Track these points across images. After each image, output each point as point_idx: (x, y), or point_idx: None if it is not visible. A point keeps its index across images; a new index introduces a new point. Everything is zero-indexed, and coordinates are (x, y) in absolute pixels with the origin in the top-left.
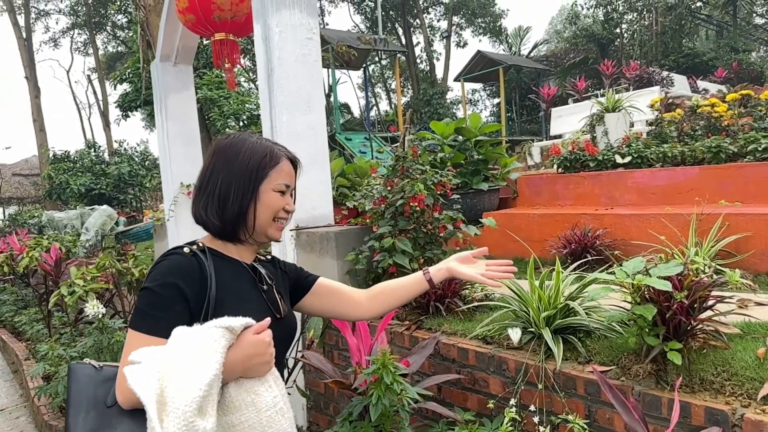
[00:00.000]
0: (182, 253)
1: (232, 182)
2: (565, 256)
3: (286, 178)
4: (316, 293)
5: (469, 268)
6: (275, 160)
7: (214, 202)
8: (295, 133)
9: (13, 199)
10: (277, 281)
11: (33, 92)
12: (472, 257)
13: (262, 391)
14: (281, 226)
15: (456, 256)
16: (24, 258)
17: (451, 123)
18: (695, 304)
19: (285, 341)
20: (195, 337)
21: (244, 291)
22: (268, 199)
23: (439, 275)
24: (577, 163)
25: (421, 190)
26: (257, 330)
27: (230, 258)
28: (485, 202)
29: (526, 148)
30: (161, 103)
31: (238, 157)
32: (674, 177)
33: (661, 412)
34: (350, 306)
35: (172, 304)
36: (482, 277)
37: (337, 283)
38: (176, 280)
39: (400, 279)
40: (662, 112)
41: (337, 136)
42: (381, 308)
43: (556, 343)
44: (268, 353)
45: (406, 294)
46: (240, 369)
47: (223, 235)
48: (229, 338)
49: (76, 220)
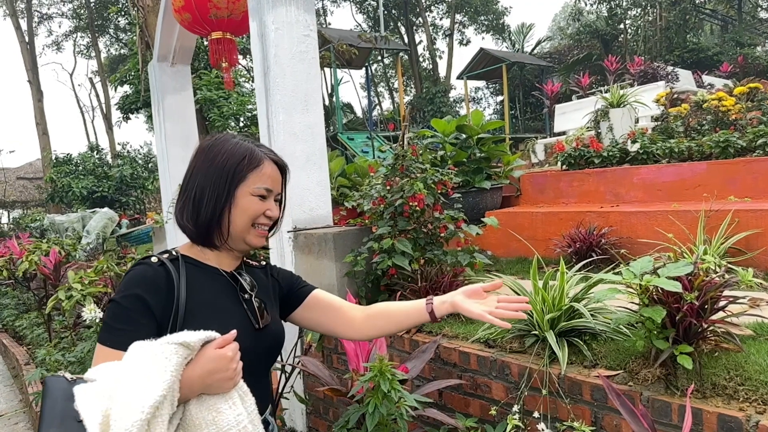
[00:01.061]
0: (149, 263)
1: (207, 185)
2: (570, 255)
3: (267, 182)
4: (309, 306)
5: (476, 304)
6: (255, 162)
7: (189, 205)
8: (293, 133)
9: (18, 203)
10: (265, 290)
11: (36, 96)
12: (483, 291)
13: (225, 408)
14: (263, 233)
15: (464, 290)
16: (23, 262)
17: (453, 120)
18: (706, 305)
19: (267, 353)
20: (146, 355)
21: (218, 301)
22: (244, 204)
23: (442, 309)
24: (582, 159)
25: (421, 189)
26: (220, 344)
27: (207, 266)
28: (488, 200)
29: (529, 145)
30: (159, 104)
31: (216, 158)
32: (681, 173)
33: (671, 419)
34: (343, 324)
35: (136, 317)
36: (490, 315)
37: (332, 298)
38: (140, 291)
39: (402, 304)
40: (668, 107)
41: (339, 136)
42: (375, 332)
43: (561, 346)
44: (231, 369)
45: (405, 322)
46: (199, 386)
47: (198, 240)
48: (184, 354)
49: (78, 223)
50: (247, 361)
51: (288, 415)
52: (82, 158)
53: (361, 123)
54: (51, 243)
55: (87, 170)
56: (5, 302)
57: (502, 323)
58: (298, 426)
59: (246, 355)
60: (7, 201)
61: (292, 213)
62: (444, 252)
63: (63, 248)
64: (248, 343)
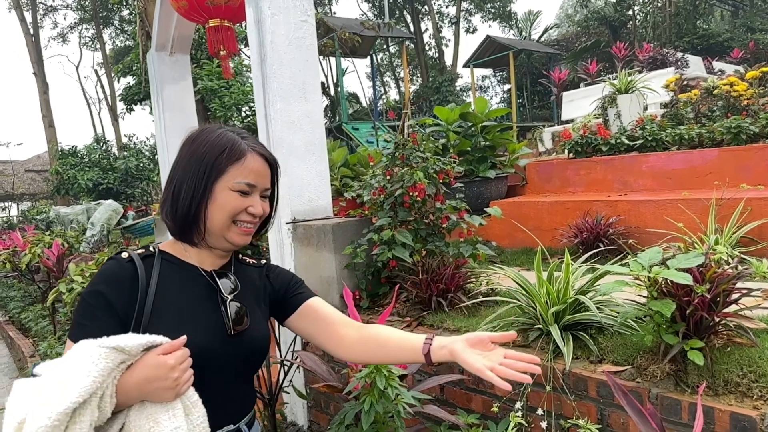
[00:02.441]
0: (117, 259)
1: (185, 178)
2: (576, 245)
3: (249, 177)
4: (302, 315)
5: (477, 356)
6: (236, 155)
7: (170, 199)
8: (290, 122)
9: (26, 195)
10: (253, 292)
11: (41, 88)
12: (489, 341)
13: (164, 419)
14: (246, 230)
15: (467, 337)
16: (26, 254)
17: (456, 108)
18: (718, 298)
19: (244, 361)
20: (76, 356)
21: (191, 302)
22: (222, 199)
23: (439, 354)
24: (589, 147)
25: (421, 178)
26: (166, 350)
27: (187, 264)
28: (492, 190)
29: (536, 134)
30: (158, 94)
31: (198, 150)
32: (691, 160)
33: (681, 418)
34: (333, 340)
35: (98, 313)
36: (490, 372)
37: (328, 310)
38: (102, 288)
39: (399, 336)
40: (677, 93)
41: (344, 126)
42: (363, 358)
43: (566, 340)
44: (171, 378)
45: (398, 356)
46: (136, 393)
47: (178, 236)
48: (117, 359)
49: (82, 215)
50: (217, 367)
51: (289, 409)
52: (87, 150)
53: (366, 113)
54: (54, 235)
55: (92, 162)
56: (12, 294)
57: (502, 384)
58: (300, 420)
59: (216, 361)
60: (16, 193)
61: (291, 204)
62: (446, 243)
63: (66, 240)
64: (220, 349)
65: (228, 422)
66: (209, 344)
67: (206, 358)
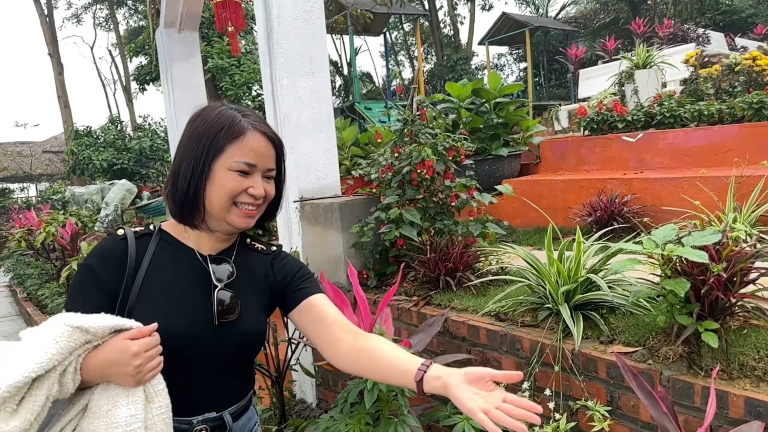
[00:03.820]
0: (113, 235)
1: (184, 158)
2: (590, 224)
3: (249, 156)
4: (303, 311)
5: (473, 395)
6: (234, 133)
7: (170, 180)
8: (298, 98)
9: (44, 176)
10: (252, 281)
11: (56, 69)
12: (489, 378)
13: (122, 404)
14: (248, 212)
15: (466, 371)
16: (41, 233)
17: (468, 84)
18: (735, 277)
19: (232, 351)
20: (43, 331)
21: (181, 286)
22: (221, 179)
23: (433, 384)
24: (605, 124)
25: (429, 155)
26: (134, 335)
27: (184, 246)
28: (505, 168)
29: (552, 112)
30: (167, 72)
31: (197, 128)
32: (711, 137)
33: (693, 401)
34: (328, 343)
35: (87, 287)
36: (483, 415)
37: (328, 311)
38: (93, 262)
39: (395, 354)
40: (697, 69)
41: (356, 106)
42: (353, 369)
43: (576, 320)
44: (132, 365)
45: (389, 376)
46: (97, 375)
47: (177, 218)
48: (80, 339)
49: (97, 195)
50: (199, 356)
51: (298, 387)
52: (102, 130)
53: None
54: (68, 214)
55: (107, 142)
56: (29, 272)
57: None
58: (309, 398)
59: (199, 350)
60: (34, 174)
61: (298, 182)
62: (455, 222)
63: (80, 220)
64: (203, 338)
65: (210, 410)
66: (192, 332)
67: (188, 345)
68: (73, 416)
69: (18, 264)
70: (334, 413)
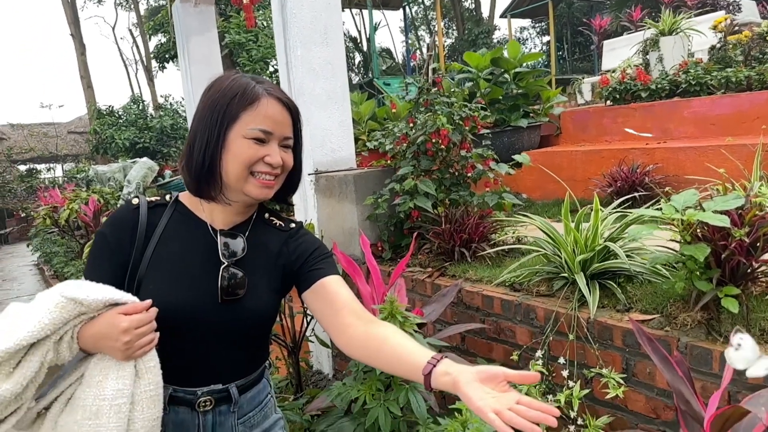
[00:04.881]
0: (128, 204)
1: (199, 128)
2: (610, 195)
3: (264, 123)
4: (316, 292)
5: (485, 394)
6: (249, 99)
7: (186, 152)
8: (312, 69)
9: (69, 156)
10: (266, 258)
11: (79, 49)
12: (503, 377)
13: (111, 377)
14: (266, 183)
15: (479, 370)
16: (65, 210)
17: (487, 53)
18: (758, 242)
19: (237, 329)
20: (41, 300)
21: (190, 258)
22: (236, 148)
23: (442, 381)
24: (628, 94)
25: (444, 124)
26: (127, 311)
27: (197, 219)
28: (524, 140)
29: (575, 85)
30: (184, 47)
31: (210, 98)
32: (738, 104)
33: (711, 368)
34: (337, 327)
35: (100, 254)
36: (493, 415)
37: (339, 294)
38: (107, 230)
39: (404, 346)
40: (726, 35)
41: (375, 81)
42: (360, 357)
43: (592, 289)
44: (121, 340)
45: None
46: (90, 345)
47: (194, 190)
48: (74, 310)
49: (119, 173)
50: (203, 331)
51: (315, 358)
52: (124, 110)
53: (399, 69)
54: (90, 192)
55: (129, 122)
56: (55, 250)
57: (505, 429)
58: (325, 368)
59: (203, 325)
60: (60, 155)
61: (313, 155)
62: (471, 193)
63: (102, 197)
64: (208, 314)
65: (216, 382)
66: (196, 307)
67: (191, 320)
68: (72, 382)
69: (45, 242)
70: (347, 380)
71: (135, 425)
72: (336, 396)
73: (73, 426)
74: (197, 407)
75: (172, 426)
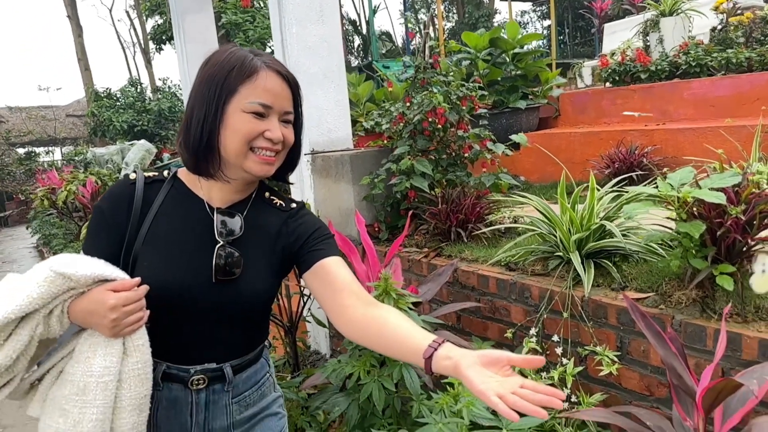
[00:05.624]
0: (125, 179)
1: (196, 103)
2: (608, 176)
3: (263, 96)
4: (315, 274)
5: (488, 378)
6: (247, 72)
7: (183, 128)
8: (307, 47)
9: (68, 140)
10: (264, 238)
11: (76, 31)
12: (506, 361)
13: (99, 354)
14: (266, 159)
15: (481, 354)
16: (62, 192)
17: (486, 33)
18: (754, 220)
19: (230, 310)
20: (32, 273)
21: (185, 236)
22: (235, 122)
23: (443, 365)
24: (627, 75)
25: (441, 102)
26: (116, 287)
27: (195, 196)
28: (522, 122)
29: (576, 69)
30: (179, 26)
31: (207, 72)
32: (739, 85)
33: (705, 345)
34: (337, 309)
35: (97, 228)
36: (496, 398)
37: (339, 276)
38: (103, 204)
39: (407, 331)
40: (728, 16)
41: (374, 64)
42: (360, 339)
43: (587, 268)
44: (108, 318)
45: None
46: (80, 320)
47: (192, 168)
48: (63, 285)
49: (117, 155)
50: (197, 310)
51: (312, 338)
52: (122, 92)
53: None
54: (88, 173)
55: (127, 104)
56: (54, 232)
57: (509, 413)
58: (323, 349)
59: (196, 304)
60: (58, 138)
61: (309, 134)
62: (467, 173)
63: (100, 178)
64: (202, 295)
65: (210, 361)
66: (188, 287)
67: (184, 300)
68: (64, 356)
69: (44, 225)
70: (342, 358)
71: (122, 402)
72: (331, 373)
73: (61, 400)
74: (190, 385)
75: (165, 402)
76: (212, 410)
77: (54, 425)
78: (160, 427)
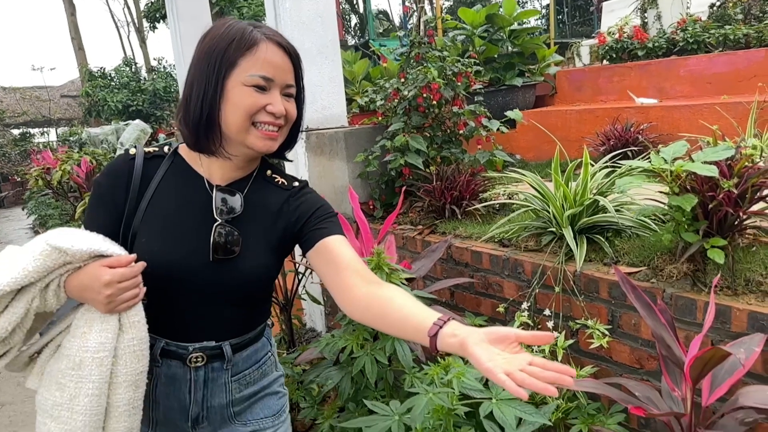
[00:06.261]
0: (124, 154)
1: (195, 78)
2: (603, 153)
3: (264, 68)
4: (319, 252)
5: (495, 355)
6: (247, 44)
7: (183, 104)
8: (301, 22)
9: (63, 120)
10: (265, 217)
11: (68, 10)
12: (514, 338)
13: (95, 329)
14: (269, 134)
15: (488, 331)
16: (57, 171)
17: (482, 9)
18: (746, 194)
19: (228, 288)
20: (29, 247)
21: (184, 213)
22: (236, 96)
23: (449, 342)
24: (624, 52)
25: (435, 77)
26: (111, 263)
27: (194, 173)
28: (519, 99)
29: (574, 48)
30: (172, 2)
31: (206, 46)
32: (735, 62)
33: (695, 318)
34: (339, 287)
35: (98, 204)
36: (503, 375)
37: (342, 254)
38: (102, 179)
39: (411, 309)
40: None
41: (371, 43)
42: (362, 319)
43: (580, 243)
44: (103, 293)
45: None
46: (76, 295)
47: (192, 145)
48: (58, 260)
49: (112, 135)
50: (194, 288)
51: (308, 316)
52: (116, 72)
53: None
54: (83, 153)
55: (121, 84)
56: (50, 213)
57: (517, 390)
58: (318, 326)
59: (193, 282)
60: (53, 119)
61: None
62: (462, 150)
63: (95, 158)
64: (199, 273)
65: (208, 339)
66: (186, 265)
67: (181, 278)
68: (62, 330)
69: (39, 205)
70: (335, 332)
71: (118, 378)
72: (324, 347)
73: (57, 374)
74: (189, 362)
75: (164, 378)
76: (211, 388)
77: (51, 398)
78: (159, 402)
